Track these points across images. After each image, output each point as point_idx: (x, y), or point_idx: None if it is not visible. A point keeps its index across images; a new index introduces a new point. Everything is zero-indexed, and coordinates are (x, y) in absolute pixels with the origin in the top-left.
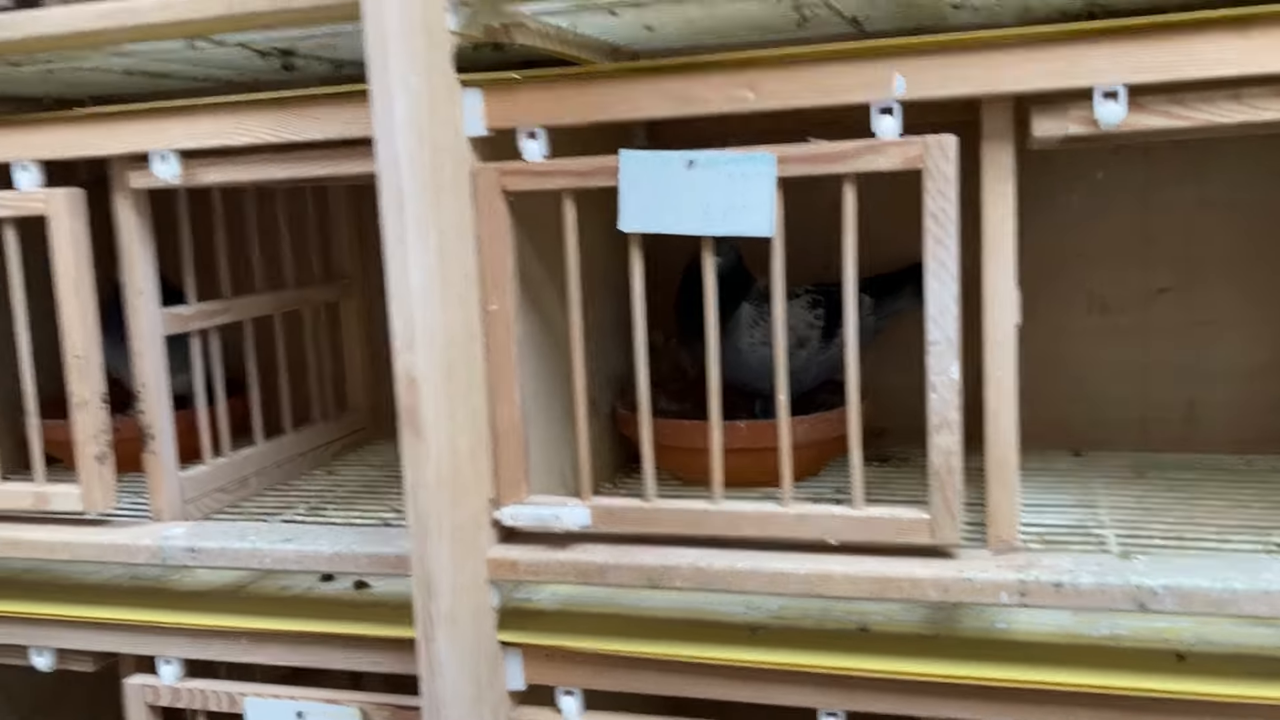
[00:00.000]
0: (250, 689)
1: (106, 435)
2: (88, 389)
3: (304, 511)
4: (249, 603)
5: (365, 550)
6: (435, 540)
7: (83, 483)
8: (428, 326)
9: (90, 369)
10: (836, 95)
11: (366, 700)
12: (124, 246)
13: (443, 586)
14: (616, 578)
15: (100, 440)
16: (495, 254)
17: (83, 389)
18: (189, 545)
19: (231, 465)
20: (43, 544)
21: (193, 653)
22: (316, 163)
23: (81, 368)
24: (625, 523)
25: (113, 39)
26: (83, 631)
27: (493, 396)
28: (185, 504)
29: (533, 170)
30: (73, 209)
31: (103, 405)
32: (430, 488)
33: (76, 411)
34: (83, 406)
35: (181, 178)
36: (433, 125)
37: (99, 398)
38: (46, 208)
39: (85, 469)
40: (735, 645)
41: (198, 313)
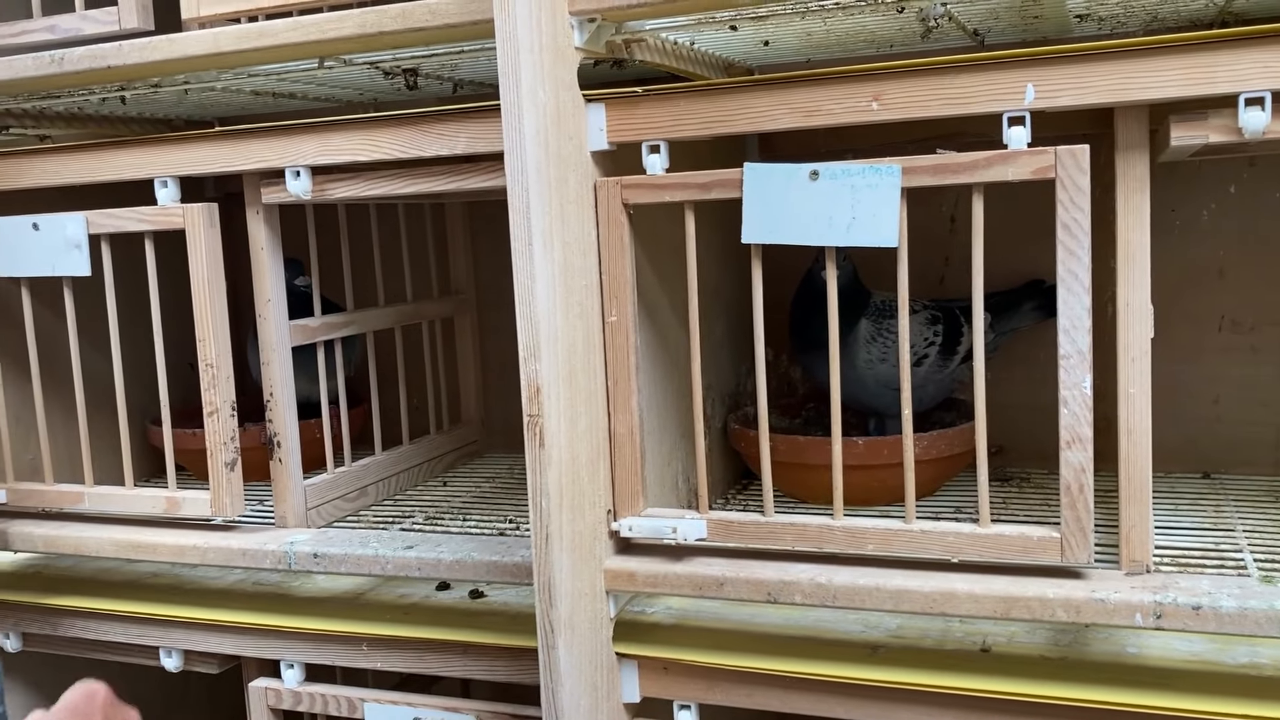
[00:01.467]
0: (370, 694)
1: (236, 443)
2: (219, 398)
3: (421, 521)
4: (368, 609)
5: (484, 558)
6: (556, 547)
7: (213, 489)
8: (551, 336)
9: (221, 378)
10: (965, 105)
11: (483, 708)
12: (255, 259)
13: (562, 594)
14: (734, 591)
15: (230, 447)
16: (615, 266)
17: (214, 398)
18: (313, 551)
19: (352, 474)
20: (172, 547)
21: (314, 657)
22: (442, 178)
23: (214, 377)
24: (743, 537)
25: (248, 60)
26: (209, 634)
27: (611, 407)
28: (309, 511)
29: (653, 183)
30: (209, 222)
31: (232, 414)
32: (552, 495)
33: (208, 420)
34: (214, 415)
35: (312, 193)
36: (558, 139)
37: (229, 406)
38: (184, 221)
39: (215, 475)
40: (855, 663)
41: (323, 325)
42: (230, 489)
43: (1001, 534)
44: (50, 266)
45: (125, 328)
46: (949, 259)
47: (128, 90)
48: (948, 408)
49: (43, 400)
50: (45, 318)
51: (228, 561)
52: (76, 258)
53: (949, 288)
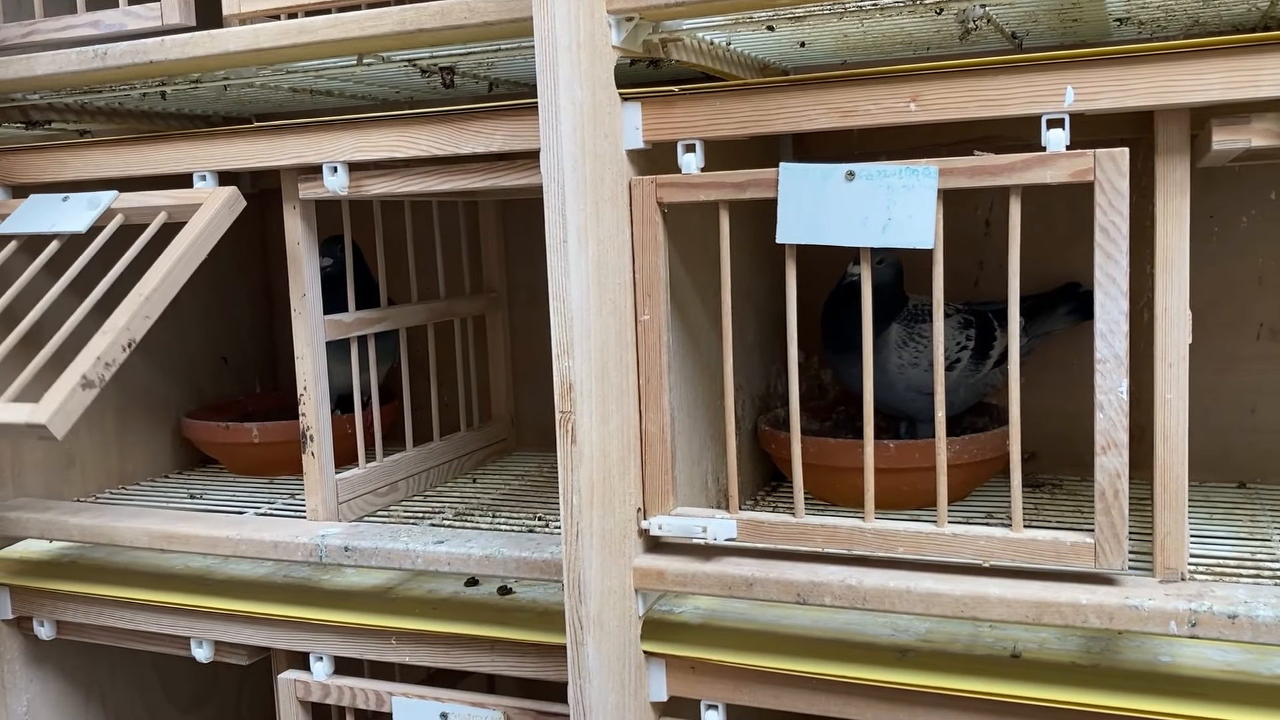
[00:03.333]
0: (398, 688)
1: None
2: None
3: (451, 517)
4: (397, 604)
5: (514, 554)
6: (587, 544)
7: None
8: (584, 333)
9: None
10: (1003, 107)
11: (510, 705)
12: (290, 254)
13: (592, 590)
14: (763, 592)
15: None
16: (649, 264)
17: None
18: (345, 544)
19: (383, 469)
20: (205, 539)
21: (344, 650)
22: (478, 175)
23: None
24: (772, 537)
25: (287, 56)
26: (240, 625)
27: (642, 406)
28: (340, 505)
29: (688, 182)
30: (228, 204)
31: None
32: (583, 492)
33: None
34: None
35: (349, 189)
36: (595, 138)
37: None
38: (205, 199)
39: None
40: (883, 666)
41: (357, 320)
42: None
43: (1035, 539)
44: (50, 225)
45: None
46: (983, 262)
47: (168, 86)
48: (979, 412)
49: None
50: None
51: (259, 554)
52: (81, 218)
53: (983, 291)
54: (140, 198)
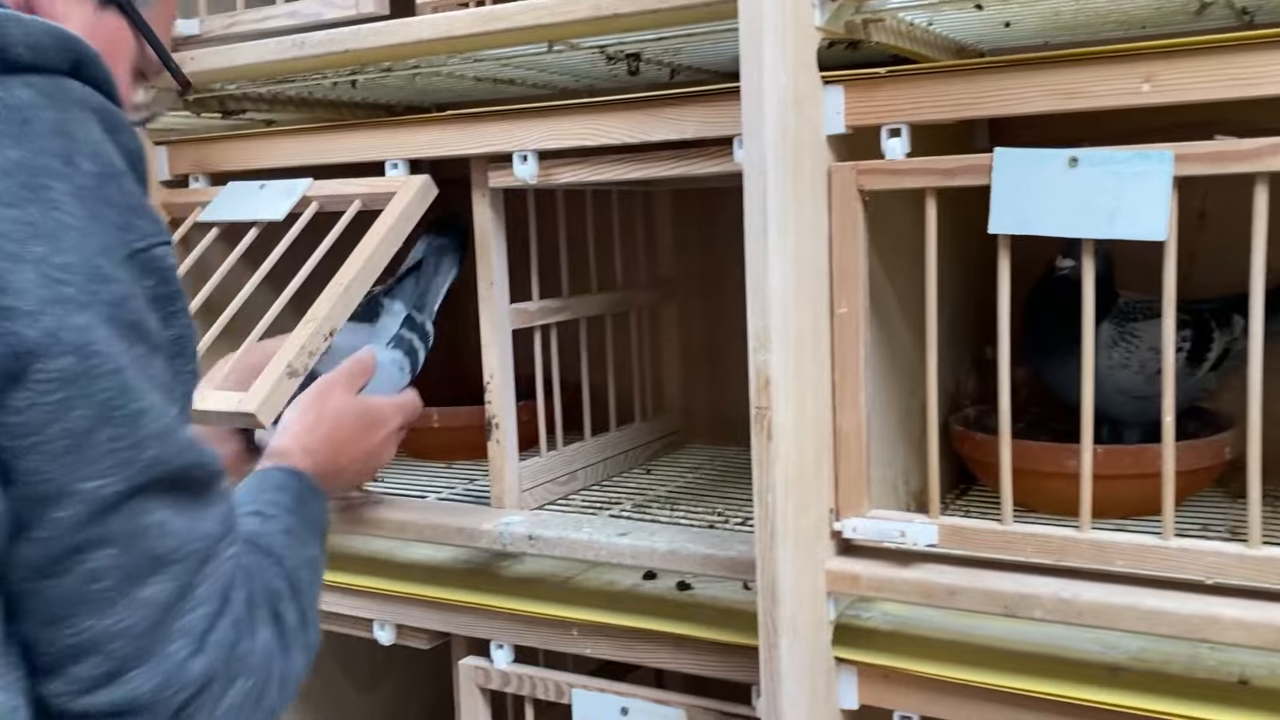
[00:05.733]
0: (578, 680)
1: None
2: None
3: (629, 509)
4: (577, 595)
5: (699, 550)
6: (782, 545)
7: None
8: (782, 326)
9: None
10: (1251, 86)
11: (694, 703)
12: (480, 242)
13: (786, 593)
14: (967, 602)
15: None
16: (847, 255)
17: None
18: (528, 533)
19: (563, 459)
20: (394, 523)
21: (525, 639)
22: (668, 163)
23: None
24: (977, 545)
25: (479, 44)
26: (422, 610)
27: (836, 403)
28: (522, 493)
29: (892, 169)
30: (422, 192)
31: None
32: (779, 491)
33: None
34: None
35: (538, 177)
36: (797, 123)
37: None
38: (399, 187)
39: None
40: (1093, 685)
41: (540, 309)
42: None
43: (1275, 557)
44: (249, 212)
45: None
46: (1195, 256)
47: (360, 75)
48: (1190, 417)
49: None
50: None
51: (445, 539)
52: (278, 205)
53: (1195, 287)
54: (335, 185)
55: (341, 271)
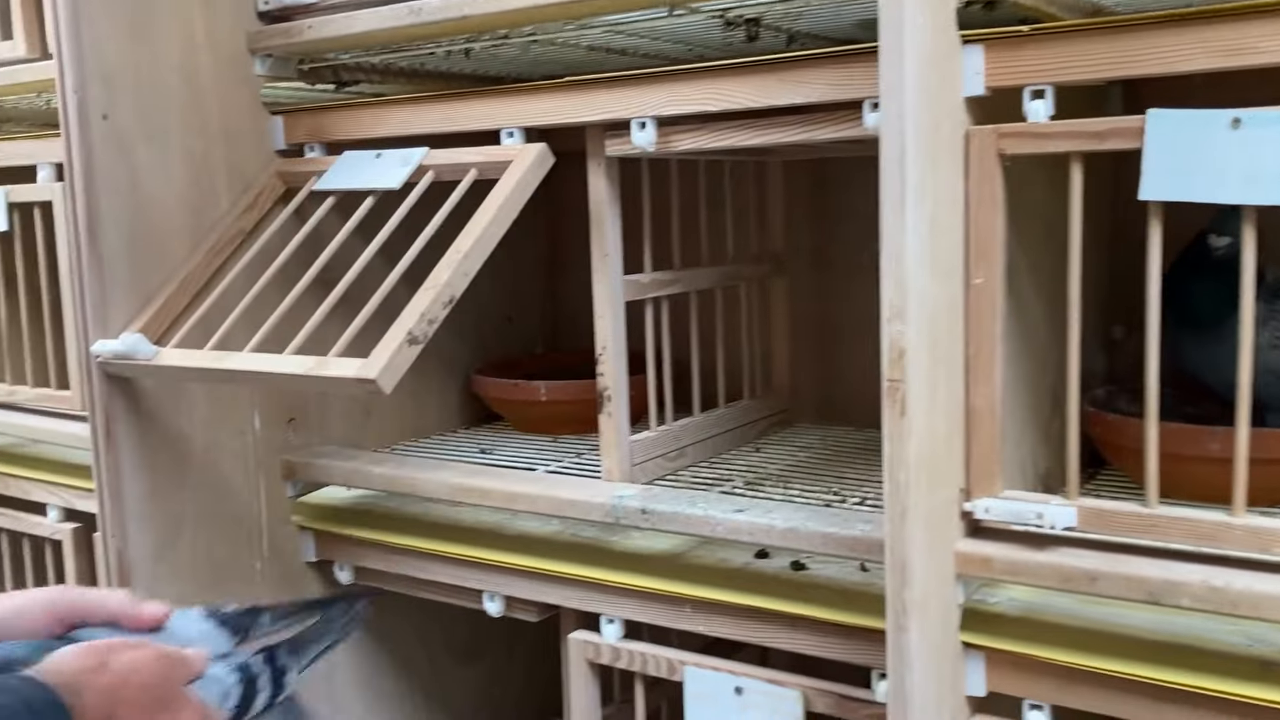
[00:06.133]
0: (690, 657)
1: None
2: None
3: (742, 486)
4: (690, 571)
5: (818, 529)
6: (913, 525)
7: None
8: (918, 297)
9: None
10: None
11: (810, 685)
12: (594, 213)
13: (917, 575)
14: (1108, 588)
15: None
16: (984, 223)
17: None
18: (642, 506)
19: (672, 434)
20: (503, 494)
21: (636, 614)
22: (792, 129)
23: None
24: (1118, 528)
25: (599, 9)
26: (533, 582)
27: (970, 379)
28: (633, 467)
29: (1035, 132)
30: (538, 161)
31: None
32: (911, 468)
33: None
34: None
35: (656, 145)
36: (935, 84)
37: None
38: (514, 156)
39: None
40: (1241, 679)
41: (653, 281)
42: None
43: None
44: (365, 181)
45: None
46: None
47: (475, 43)
48: None
49: None
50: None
51: (556, 511)
52: (394, 174)
53: None
54: (451, 154)
55: (460, 238)
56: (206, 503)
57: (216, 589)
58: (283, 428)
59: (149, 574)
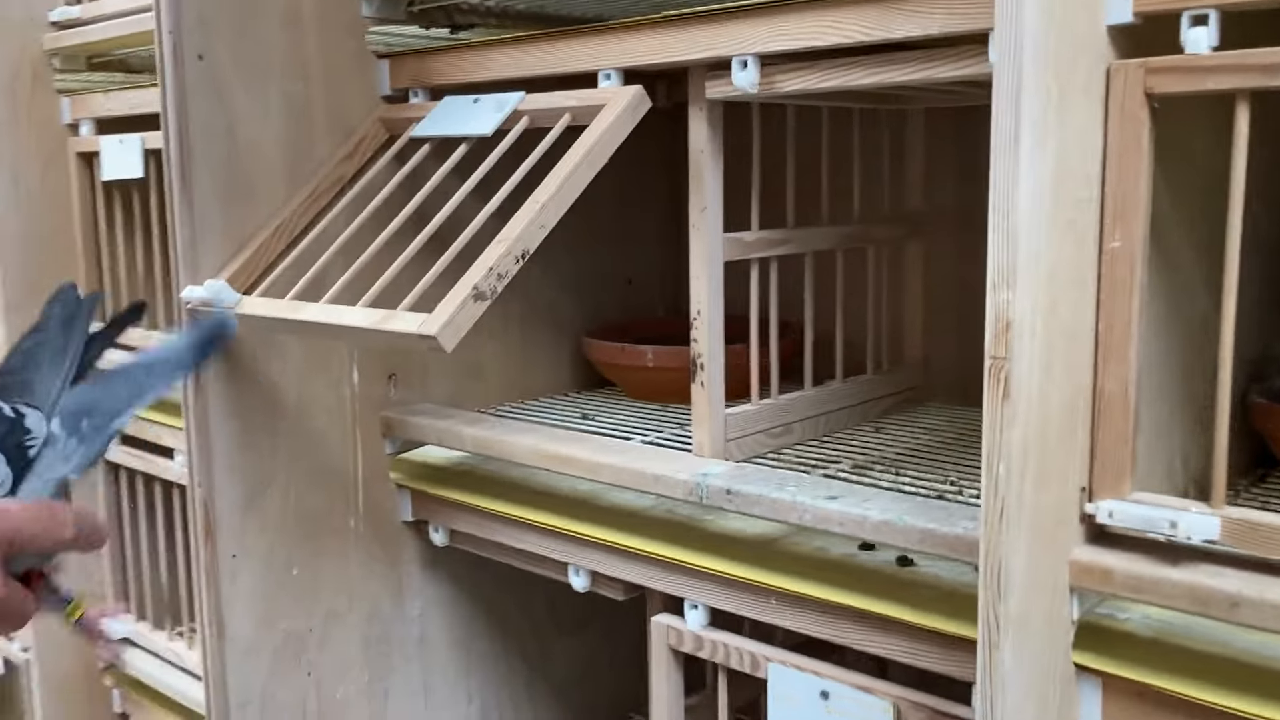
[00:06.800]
0: (776, 654)
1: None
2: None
3: (848, 469)
4: (782, 559)
5: (917, 524)
6: (1014, 525)
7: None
8: (1032, 258)
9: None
10: None
11: (904, 696)
12: (693, 163)
13: (1015, 584)
14: (1252, 616)
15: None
16: (1127, 176)
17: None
18: (727, 486)
19: (778, 408)
20: (588, 463)
21: (719, 601)
22: (909, 66)
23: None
24: (1271, 546)
25: None
26: (617, 558)
27: (1100, 357)
28: (728, 442)
29: (1194, 65)
30: (632, 105)
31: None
32: (1014, 460)
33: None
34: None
35: (759, 86)
36: (1067, 8)
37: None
38: (608, 99)
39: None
40: None
41: (759, 240)
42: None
43: None
44: (459, 127)
45: (564, 237)
46: None
47: None
48: None
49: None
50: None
51: (638, 485)
52: (488, 120)
53: None
54: (546, 99)
55: (538, 190)
56: (299, 456)
57: (308, 544)
58: (383, 383)
59: (237, 525)
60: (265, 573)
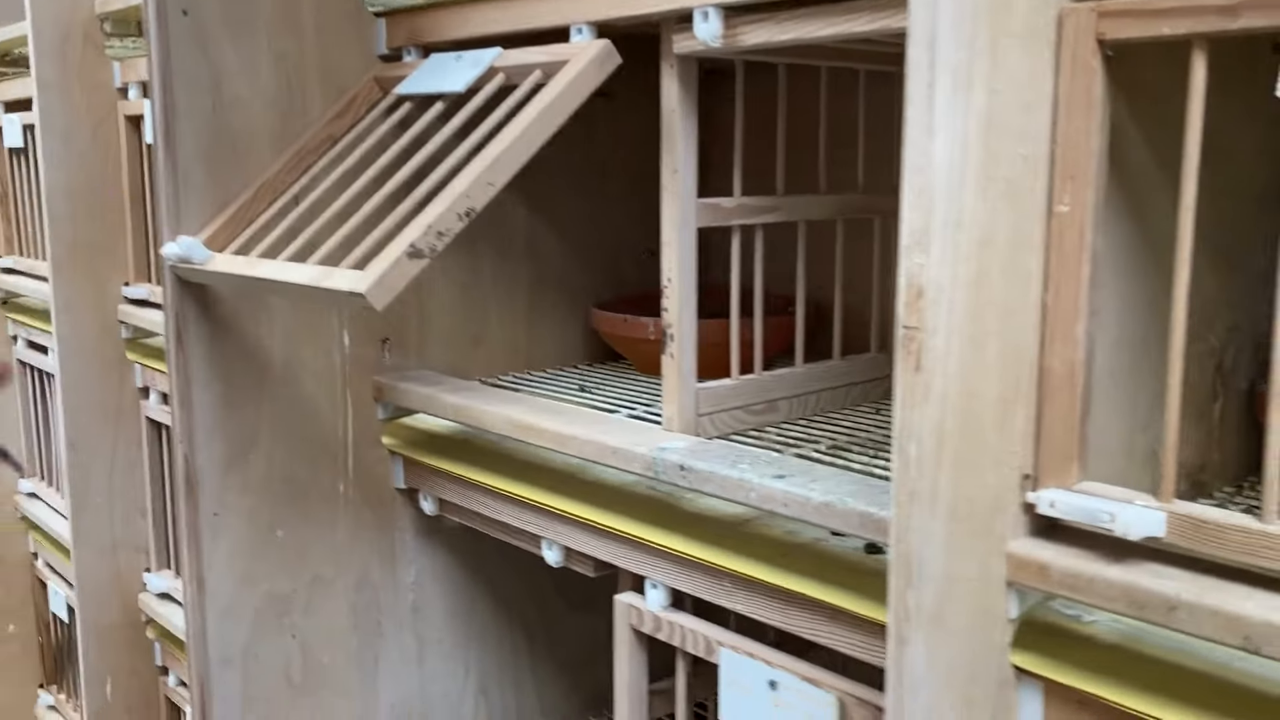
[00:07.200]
0: (730, 639)
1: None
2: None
3: (824, 449)
4: (746, 541)
5: (856, 506)
6: (923, 509)
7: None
8: (951, 220)
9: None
10: None
11: (850, 691)
12: (665, 123)
13: (928, 573)
14: (1189, 622)
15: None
16: (1076, 131)
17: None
18: (681, 462)
19: (760, 384)
20: (554, 434)
21: (676, 582)
22: (864, 15)
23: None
24: (1219, 544)
25: None
26: (586, 534)
27: (1046, 333)
28: (699, 417)
29: (1145, 8)
30: (598, 60)
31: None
32: (926, 441)
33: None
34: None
35: (722, 38)
36: None
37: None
38: (573, 55)
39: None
40: None
41: (740, 206)
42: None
43: None
44: (439, 85)
45: (575, 201)
46: None
47: None
48: None
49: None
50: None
51: (599, 457)
52: (462, 77)
53: None
54: (519, 55)
55: (489, 146)
56: (285, 418)
57: (293, 506)
58: (376, 347)
59: (218, 484)
60: (247, 532)
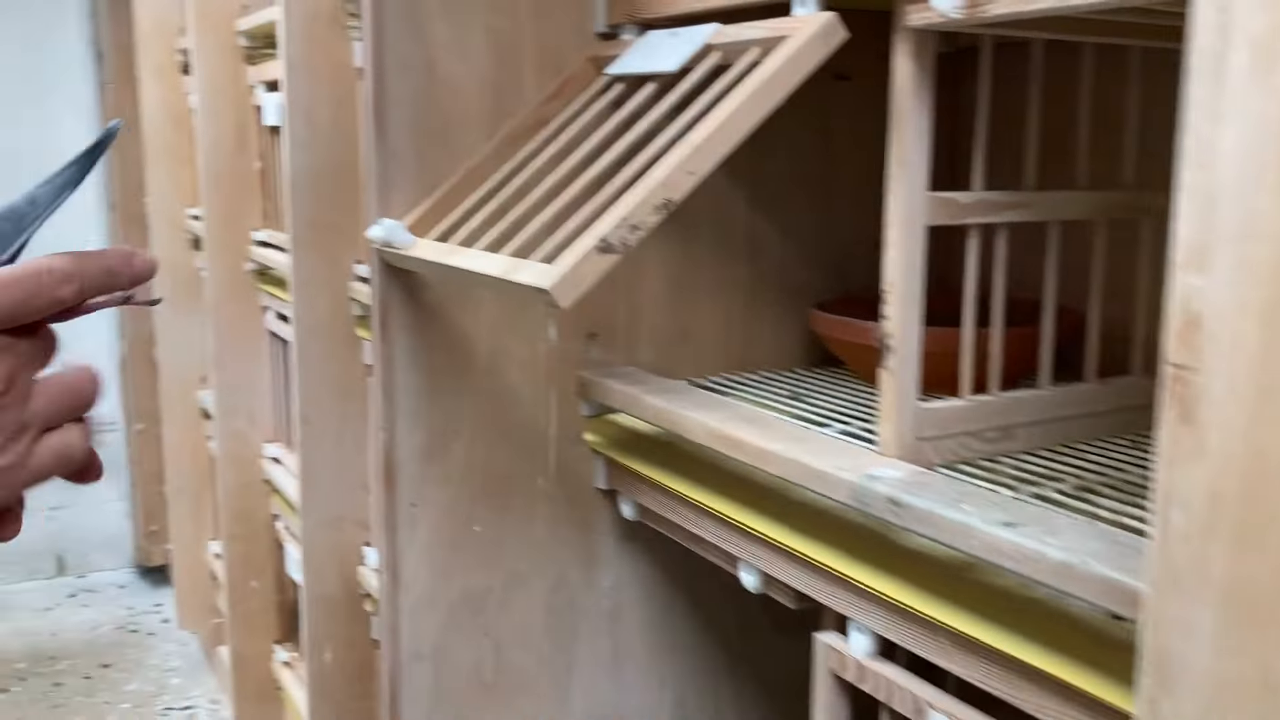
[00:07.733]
0: (941, 702)
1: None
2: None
3: (1067, 490)
4: (965, 589)
5: (1102, 571)
6: (1192, 598)
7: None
8: (1240, 230)
9: None
10: None
11: None
12: (896, 106)
13: (1191, 675)
14: None
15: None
16: None
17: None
18: (892, 495)
19: (995, 408)
20: (755, 450)
21: (884, 629)
22: None
23: None
24: None
25: None
26: (786, 562)
27: None
28: (919, 441)
29: None
30: (822, 34)
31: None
32: (1193, 504)
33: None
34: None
35: (964, 8)
36: None
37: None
38: (794, 30)
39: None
40: None
41: (979, 203)
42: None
43: None
44: (650, 64)
45: (801, 194)
46: None
47: None
48: None
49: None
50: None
51: (801, 479)
52: (674, 55)
53: None
54: (737, 30)
55: (693, 132)
56: (487, 410)
57: (492, 500)
58: (582, 341)
59: (417, 475)
60: (445, 525)
